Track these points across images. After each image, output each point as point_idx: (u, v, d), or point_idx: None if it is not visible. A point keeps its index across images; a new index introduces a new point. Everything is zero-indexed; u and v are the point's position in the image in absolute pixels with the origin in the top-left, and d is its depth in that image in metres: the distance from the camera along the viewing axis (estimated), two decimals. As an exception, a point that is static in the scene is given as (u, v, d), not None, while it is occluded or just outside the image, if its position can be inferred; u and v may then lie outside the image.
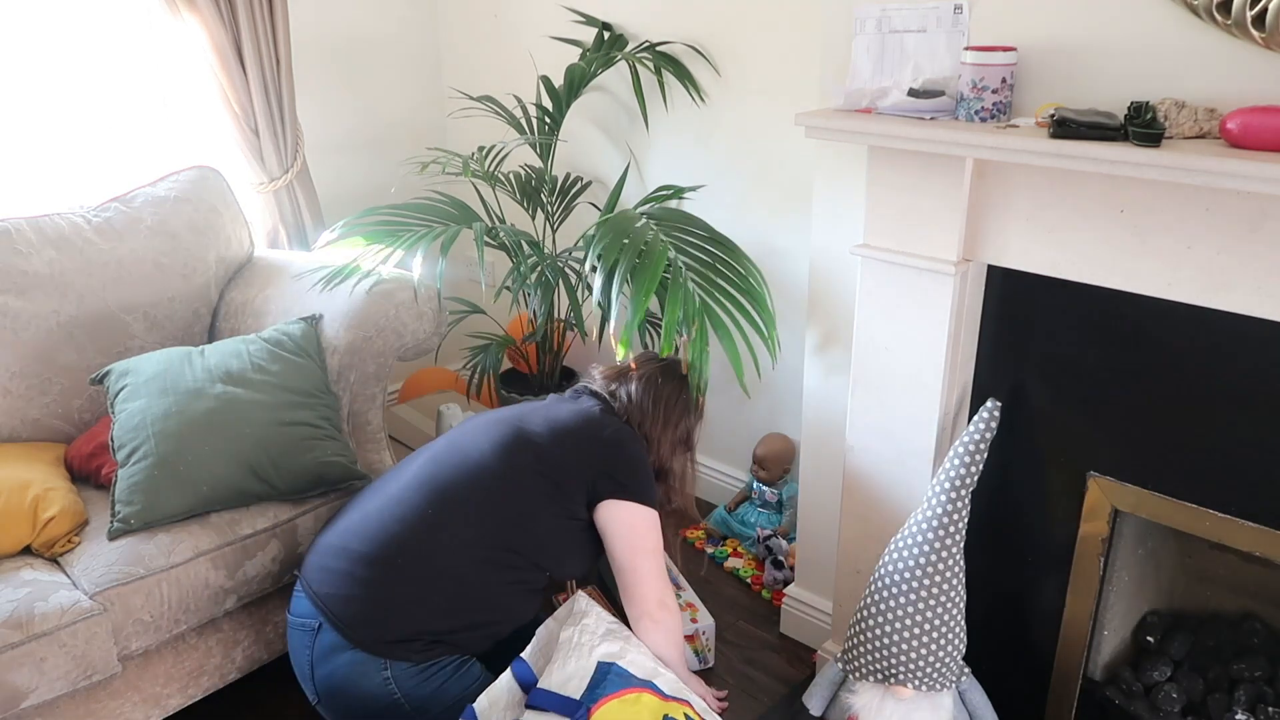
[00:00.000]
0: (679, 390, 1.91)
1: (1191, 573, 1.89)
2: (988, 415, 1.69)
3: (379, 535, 1.67)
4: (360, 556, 1.66)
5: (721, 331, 2.00)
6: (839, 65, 1.80)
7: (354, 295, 2.18)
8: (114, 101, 2.54)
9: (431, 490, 1.70)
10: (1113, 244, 1.55)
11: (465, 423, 1.88)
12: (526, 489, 1.71)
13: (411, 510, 1.68)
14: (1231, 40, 1.36)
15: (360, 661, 1.62)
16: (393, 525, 1.68)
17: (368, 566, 1.65)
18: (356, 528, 1.72)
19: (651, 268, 2.04)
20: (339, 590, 1.65)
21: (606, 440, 1.77)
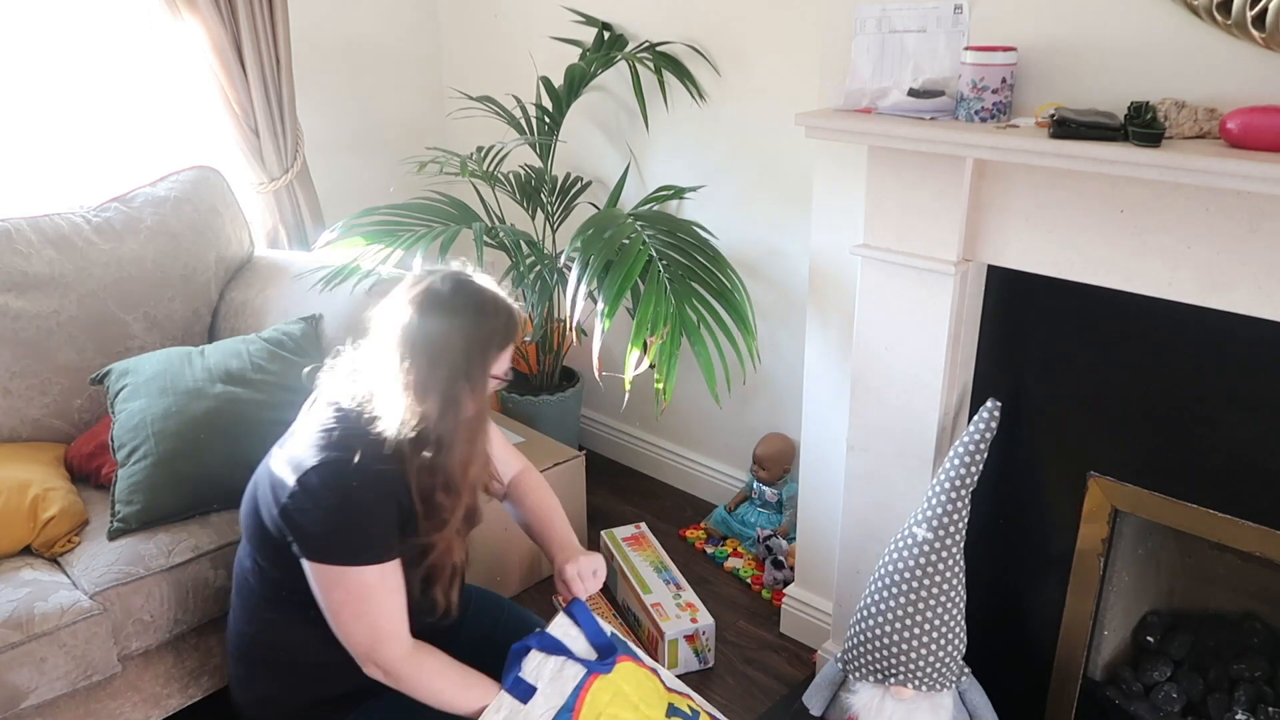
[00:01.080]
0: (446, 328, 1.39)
1: (1191, 573, 1.89)
2: (988, 415, 1.69)
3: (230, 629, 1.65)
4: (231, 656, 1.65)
5: (696, 339, 2.00)
6: (839, 65, 1.80)
7: (354, 295, 2.18)
8: (114, 101, 2.54)
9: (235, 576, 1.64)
10: (1113, 244, 1.55)
11: None
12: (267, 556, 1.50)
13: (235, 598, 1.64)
14: (1231, 40, 1.36)
15: None
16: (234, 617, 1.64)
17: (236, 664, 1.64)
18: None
19: (628, 265, 2.04)
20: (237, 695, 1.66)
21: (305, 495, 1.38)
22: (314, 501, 1.38)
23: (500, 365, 1.47)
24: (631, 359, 1.99)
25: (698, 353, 2.00)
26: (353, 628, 1.42)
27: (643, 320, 1.98)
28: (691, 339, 2.00)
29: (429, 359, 1.38)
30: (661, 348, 1.97)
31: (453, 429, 1.41)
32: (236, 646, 1.62)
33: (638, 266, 2.05)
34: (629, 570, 2.36)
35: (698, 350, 2.01)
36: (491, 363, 1.45)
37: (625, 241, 2.11)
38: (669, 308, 2.01)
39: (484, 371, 1.44)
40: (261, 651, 1.58)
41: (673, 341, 1.98)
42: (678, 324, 1.99)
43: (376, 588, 1.41)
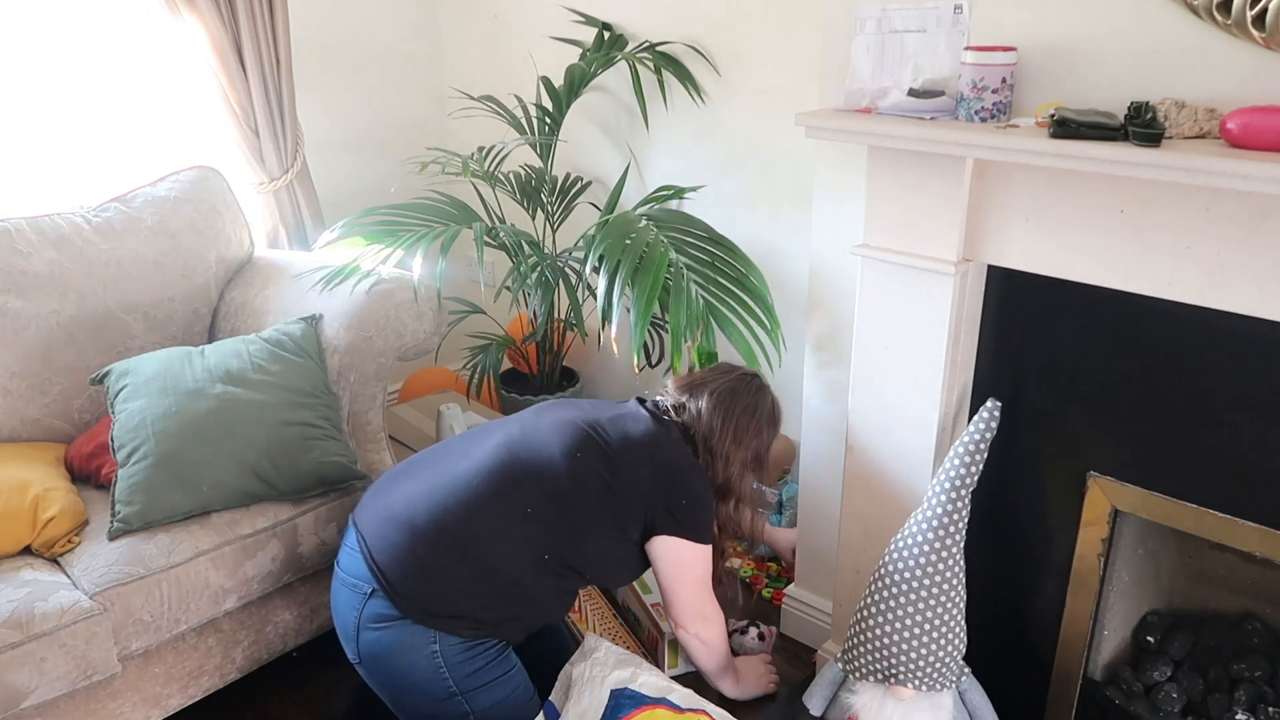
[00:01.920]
0: (753, 407, 1.85)
1: (1191, 573, 1.89)
2: (988, 415, 1.69)
3: (443, 518, 1.67)
4: (422, 535, 1.66)
5: (730, 330, 2.01)
6: (839, 65, 1.80)
7: (354, 295, 2.18)
8: (114, 101, 2.54)
9: (500, 484, 1.69)
10: (1113, 244, 1.55)
11: (542, 411, 1.84)
12: (589, 505, 1.71)
13: (478, 499, 1.68)
14: (1231, 40, 1.36)
15: (410, 633, 1.63)
16: (458, 510, 1.67)
17: (429, 547, 1.65)
18: (422, 501, 1.70)
19: (654, 270, 2.04)
20: (397, 563, 1.65)
21: (674, 471, 1.75)
22: (686, 488, 1.76)
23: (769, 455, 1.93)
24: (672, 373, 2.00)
25: (734, 341, 2.02)
26: (695, 590, 1.84)
27: (676, 328, 1.99)
28: (725, 329, 2.01)
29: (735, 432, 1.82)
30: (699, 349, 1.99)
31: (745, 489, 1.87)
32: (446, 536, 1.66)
33: (662, 270, 2.05)
34: (629, 570, 2.36)
35: (734, 339, 2.02)
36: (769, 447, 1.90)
37: (646, 248, 2.11)
38: (699, 308, 2.01)
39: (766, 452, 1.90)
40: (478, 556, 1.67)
41: (708, 339, 1.99)
42: (709, 321, 2.01)
43: (708, 560, 1.84)
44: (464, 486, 1.70)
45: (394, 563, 1.66)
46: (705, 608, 1.88)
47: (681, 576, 1.82)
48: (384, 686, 1.70)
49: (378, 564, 1.66)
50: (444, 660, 1.64)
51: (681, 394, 1.85)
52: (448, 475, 1.73)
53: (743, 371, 1.90)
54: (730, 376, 1.87)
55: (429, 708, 1.68)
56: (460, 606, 1.66)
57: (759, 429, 1.85)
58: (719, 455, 1.81)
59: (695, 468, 1.79)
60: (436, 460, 1.79)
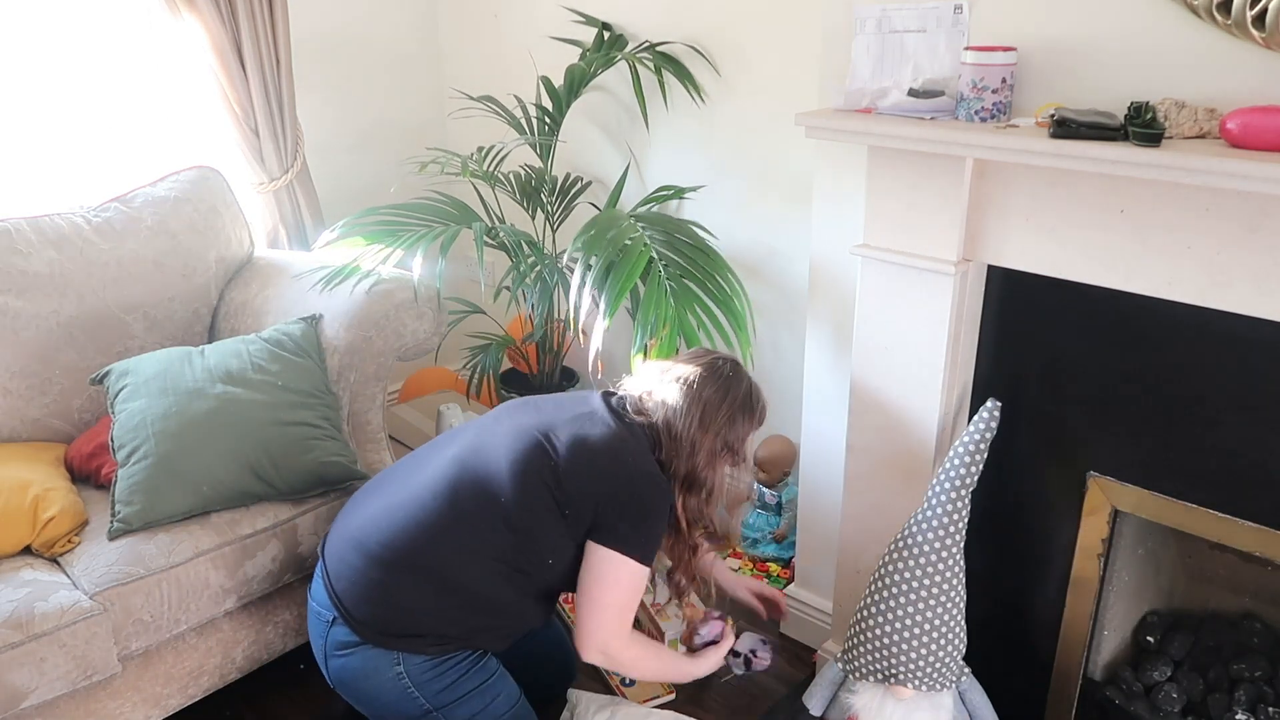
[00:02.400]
0: (723, 392, 1.70)
1: (1191, 573, 1.89)
2: (988, 415, 1.69)
3: (395, 537, 1.65)
4: (375, 558, 1.64)
5: (693, 340, 2.00)
6: (839, 65, 1.80)
7: (354, 295, 2.18)
8: (114, 101, 2.54)
9: (450, 496, 1.65)
10: (1112, 244, 1.55)
11: (505, 415, 1.77)
12: (538, 512, 1.64)
13: (428, 515, 1.65)
14: (1231, 40, 1.36)
15: (372, 657, 1.62)
16: (410, 527, 1.64)
17: (382, 569, 1.63)
18: (376, 522, 1.68)
19: (630, 265, 2.04)
20: (353, 587, 1.64)
21: (627, 482, 1.64)
22: (636, 499, 1.64)
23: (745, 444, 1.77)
24: (636, 363, 1.99)
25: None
26: (603, 616, 1.67)
27: (644, 322, 1.98)
28: (690, 342, 2.00)
29: (702, 418, 1.68)
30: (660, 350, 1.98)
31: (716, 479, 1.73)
32: (398, 556, 1.63)
33: (639, 268, 2.05)
34: (629, 570, 2.36)
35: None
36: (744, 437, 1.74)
37: (627, 242, 2.11)
38: (669, 310, 2.01)
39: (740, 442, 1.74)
40: (435, 573, 1.63)
41: (670, 343, 1.98)
42: (676, 327, 2.00)
43: (640, 586, 1.68)
44: (415, 504, 1.66)
45: (350, 587, 1.64)
46: (610, 641, 1.69)
47: (598, 593, 1.66)
48: (362, 708, 1.70)
49: (335, 590, 1.65)
50: (410, 680, 1.62)
51: (649, 382, 1.73)
52: (403, 492, 1.70)
53: (716, 356, 1.76)
54: (701, 360, 1.74)
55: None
56: (422, 625, 1.63)
57: (730, 416, 1.70)
58: (683, 441, 1.67)
59: (652, 479, 1.66)
60: (397, 475, 1.77)
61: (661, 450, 1.69)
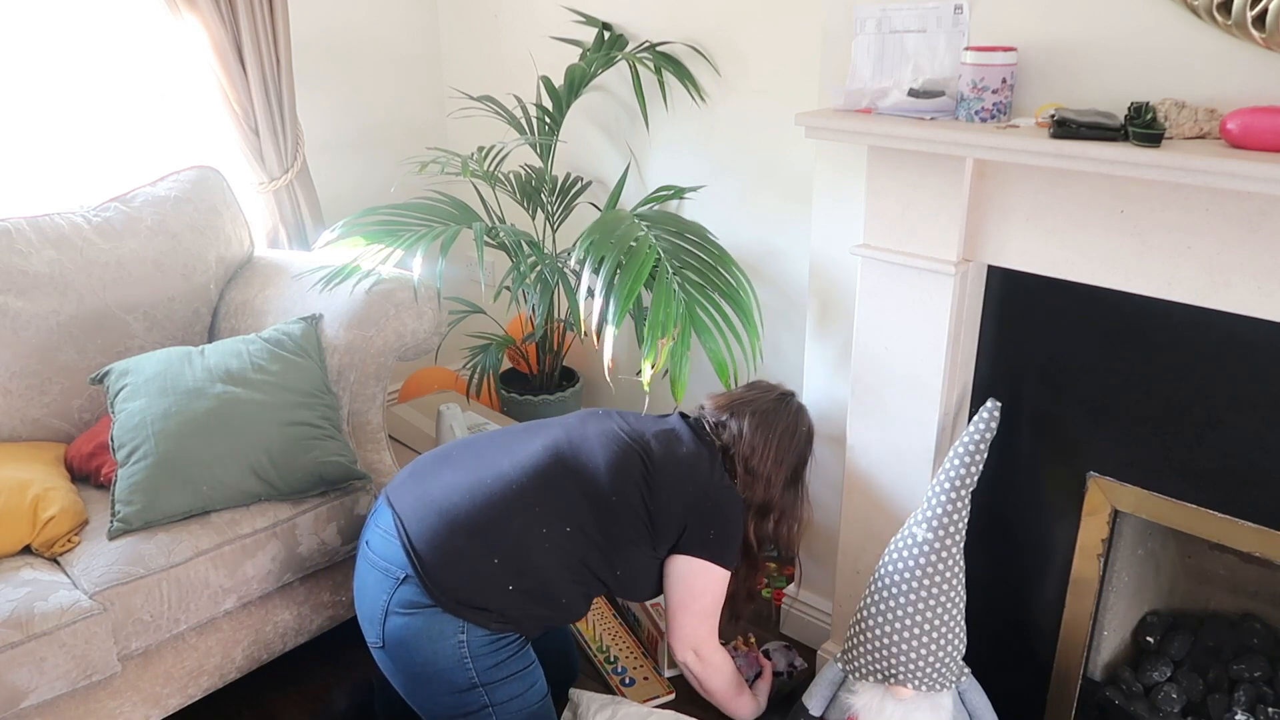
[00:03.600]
0: (793, 428, 1.88)
1: (1191, 573, 1.89)
2: (988, 415, 1.69)
3: (487, 513, 1.67)
4: (464, 527, 1.66)
5: (706, 336, 2.00)
6: (839, 65, 1.80)
7: (354, 295, 2.18)
8: (114, 101, 2.54)
9: (545, 488, 1.71)
10: (1113, 244, 1.55)
11: (590, 419, 1.85)
12: (627, 520, 1.73)
13: (522, 500, 1.69)
14: (1231, 40, 1.36)
15: (439, 621, 1.64)
16: (502, 507, 1.68)
17: (469, 539, 1.66)
18: (466, 493, 1.70)
19: (638, 266, 2.04)
20: (436, 551, 1.65)
21: (711, 494, 1.77)
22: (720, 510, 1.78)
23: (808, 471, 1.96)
24: (648, 365, 1.99)
25: (710, 351, 2.01)
26: (697, 620, 1.83)
27: (655, 322, 1.98)
28: (702, 337, 2.01)
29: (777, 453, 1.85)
30: (673, 349, 1.98)
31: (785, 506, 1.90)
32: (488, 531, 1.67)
33: (646, 268, 2.05)
34: (629, 570, 2.36)
35: (710, 349, 2.02)
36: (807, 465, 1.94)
37: (633, 243, 2.11)
38: (679, 309, 2.01)
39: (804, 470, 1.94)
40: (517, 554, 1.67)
41: (683, 342, 1.99)
42: (688, 324, 2.00)
43: (724, 590, 1.83)
44: (509, 485, 1.70)
45: (433, 551, 1.65)
46: (703, 643, 1.86)
47: (690, 601, 1.81)
48: (405, 673, 1.70)
49: (416, 550, 1.66)
50: (469, 650, 1.65)
51: (722, 413, 1.86)
52: (493, 471, 1.73)
53: (780, 391, 1.93)
54: (769, 397, 1.90)
55: (449, 698, 1.68)
56: (491, 600, 1.66)
57: (799, 448, 1.89)
58: (760, 476, 1.83)
59: (730, 492, 1.80)
60: (481, 453, 1.79)
61: (736, 480, 1.82)
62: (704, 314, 2.04)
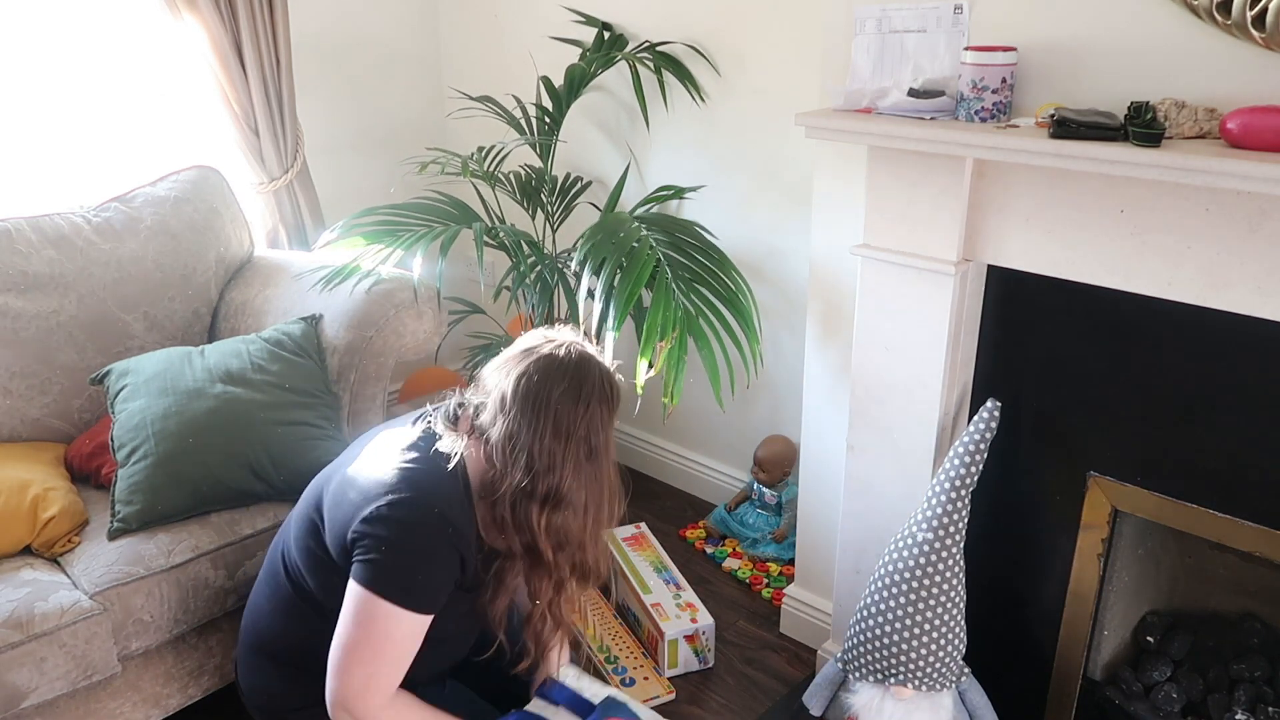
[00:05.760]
0: (575, 391, 1.41)
1: (1191, 573, 1.89)
2: (988, 415, 1.69)
3: (249, 623, 1.65)
4: (246, 646, 1.65)
5: (702, 342, 2.00)
6: (839, 65, 1.80)
7: (354, 295, 2.18)
8: (114, 101, 2.54)
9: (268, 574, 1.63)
10: (1112, 244, 1.55)
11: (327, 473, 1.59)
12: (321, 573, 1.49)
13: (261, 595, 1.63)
14: (1231, 40, 1.36)
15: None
16: (255, 612, 1.64)
17: (253, 655, 1.63)
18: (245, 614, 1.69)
19: (638, 270, 2.04)
20: (247, 681, 1.65)
21: (382, 522, 1.37)
22: (389, 530, 1.37)
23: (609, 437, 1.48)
24: (642, 367, 1.99)
25: (704, 357, 2.01)
26: (354, 668, 1.39)
27: (652, 325, 1.98)
28: (698, 343, 2.00)
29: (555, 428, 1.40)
30: (670, 353, 1.98)
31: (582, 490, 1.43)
32: (252, 638, 1.62)
33: (646, 271, 2.05)
34: (629, 570, 2.36)
35: (704, 354, 2.01)
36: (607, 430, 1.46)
37: (634, 245, 2.11)
38: (677, 312, 2.01)
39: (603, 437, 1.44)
40: (277, 649, 1.59)
41: (680, 346, 1.98)
42: (684, 329, 2.00)
43: (405, 638, 1.39)
44: (258, 582, 1.66)
45: (243, 678, 1.66)
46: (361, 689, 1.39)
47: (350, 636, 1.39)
48: None
49: (239, 685, 1.67)
50: None
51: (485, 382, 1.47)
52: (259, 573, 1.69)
53: (554, 342, 1.46)
54: (538, 353, 1.44)
55: None
56: (304, 698, 1.52)
57: (589, 416, 1.42)
58: (537, 458, 1.39)
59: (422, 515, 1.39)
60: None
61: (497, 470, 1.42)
62: (702, 320, 2.04)
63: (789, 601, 2.34)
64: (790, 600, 2.34)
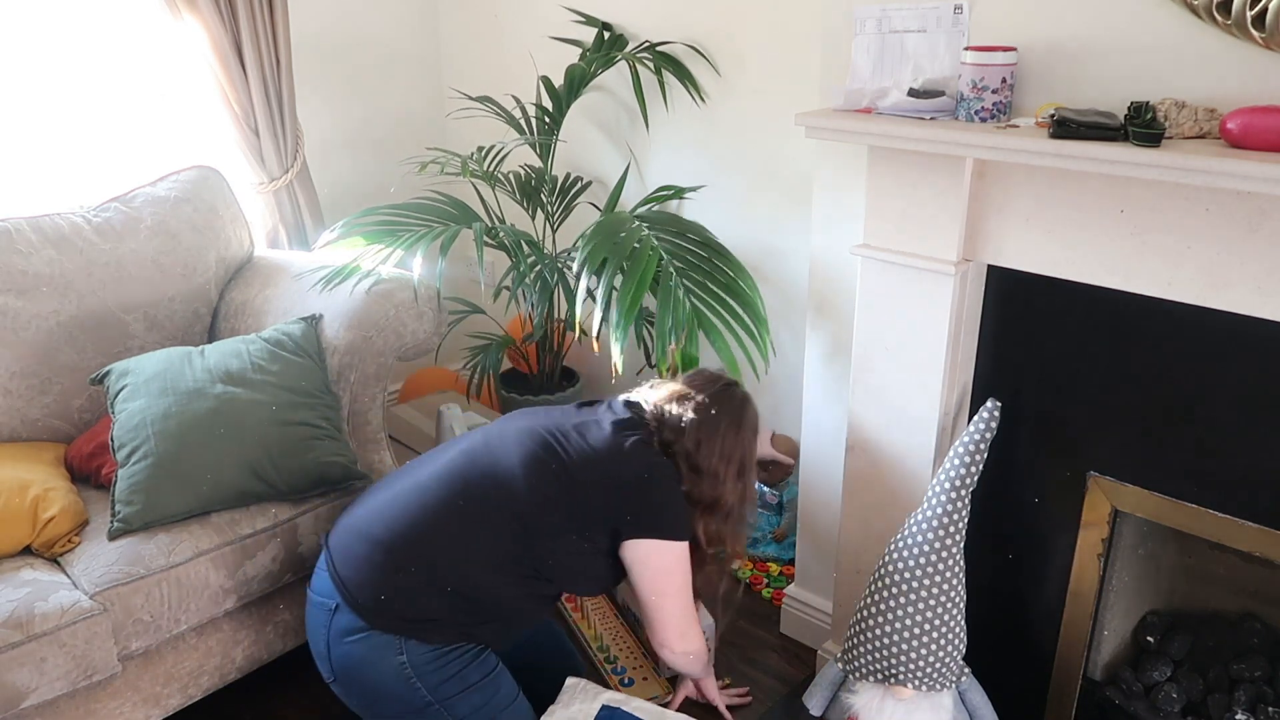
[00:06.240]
0: (738, 422, 1.77)
1: (1191, 573, 1.89)
2: (988, 415, 1.69)
3: (400, 525, 1.66)
4: (380, 543, 1.65)
5: (714, 336, 2.00)
6: (839, 65, 1.80)
7: (354, 295, 2.18)
8: (114, 101, 2.54)
9: (457, 490, 1.67)
10: (1113, 244, 1.55)
11: (505, 421, 1.80)
12: (548, 517, 1.67)
13: (435, 505, 1.66)
14: (1231, 40, 1.36)
15: (377, 644, 1.61)
16: (415, 516, 1.66)
17: (386, 553, 1.64)
18: (381, 511, 1.70)
19: (640, 270, 2.04)
20: (358, 573, 1.64)
21: (631, 483, 1.68)
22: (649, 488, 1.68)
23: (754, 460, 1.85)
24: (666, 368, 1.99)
25: (718, 349, 2.01)
26: (673, 600, 1.74)
27: (662, 331, 1.98)
28: (710, 336, 2.00)
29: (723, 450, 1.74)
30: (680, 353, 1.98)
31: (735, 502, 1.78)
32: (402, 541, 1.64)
33: (650, 273, 2.05)
34: (629, 570, 2.36)
35: (718, 346, 2.01)
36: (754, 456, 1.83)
37: (635, 246, 2.11)
38: (684, 311, 2.01)
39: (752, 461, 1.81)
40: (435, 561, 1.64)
41: (691, 342, 1.98)
42: (695, 325, 2.00)
43: (687, 563, 1.74)
44: (421, 495, 1.68)
45: (355, 574, 1.64)
46: (689, 625, 1.79)
47: (662, 585, 1.73)
48: (360, 702, 1.68)
49: (341, 577, 1.65)
50: (413, 670, 1.61)
51: (666, 403, 1.76)
52: (410, 484, 1.72)
53: (724, 381, 1.82)
54: (713, 389, 1.79)
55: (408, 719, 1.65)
56: (426, 613, 1.63)
57: (744, 441, 1.78)
58: (706, 473, 1.73)
59: (660, 466, 1.70)
60: (403, 472, 1.78)
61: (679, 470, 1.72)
62: (711, 313, 2.04)
63: (789, 601, 2.34)
64: (790, 600, 2.34)
